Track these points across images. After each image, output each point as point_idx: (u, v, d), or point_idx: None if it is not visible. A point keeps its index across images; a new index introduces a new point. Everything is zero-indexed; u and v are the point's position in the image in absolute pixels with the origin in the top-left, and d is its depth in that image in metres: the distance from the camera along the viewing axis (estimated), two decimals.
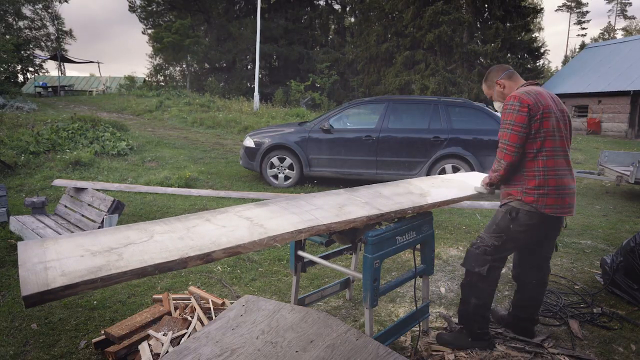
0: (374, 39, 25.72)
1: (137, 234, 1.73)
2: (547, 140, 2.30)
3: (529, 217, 2.34)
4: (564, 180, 2.34)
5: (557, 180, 2.32)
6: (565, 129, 2.41)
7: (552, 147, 2.31)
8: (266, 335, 1.86)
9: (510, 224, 2.38)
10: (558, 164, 2.33)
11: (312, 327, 1.88)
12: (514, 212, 2.37)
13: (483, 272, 2.40)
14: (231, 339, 1.88)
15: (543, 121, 2.28)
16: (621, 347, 2.64)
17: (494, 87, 2.57)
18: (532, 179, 2.33)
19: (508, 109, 2.32)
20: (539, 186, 2.31)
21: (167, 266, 1.50)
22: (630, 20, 50.81)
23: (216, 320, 2.04)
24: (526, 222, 2.35)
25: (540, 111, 2.28)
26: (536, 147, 2.31)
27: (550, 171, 2.31)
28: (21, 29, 33.19)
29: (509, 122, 2.30)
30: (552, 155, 2.32)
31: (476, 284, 2.47)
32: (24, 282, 1.29)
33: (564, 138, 2.39)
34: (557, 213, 2.34)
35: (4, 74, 21.56)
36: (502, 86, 2.53)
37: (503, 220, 2.41)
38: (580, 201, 6.86)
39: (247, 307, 2.08)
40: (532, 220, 2.35)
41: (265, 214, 2.07)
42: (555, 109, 2.36)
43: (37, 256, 1.47)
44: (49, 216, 4.52)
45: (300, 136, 7.13)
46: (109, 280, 1.38)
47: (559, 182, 2.32)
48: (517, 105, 2.29)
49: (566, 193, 2.35)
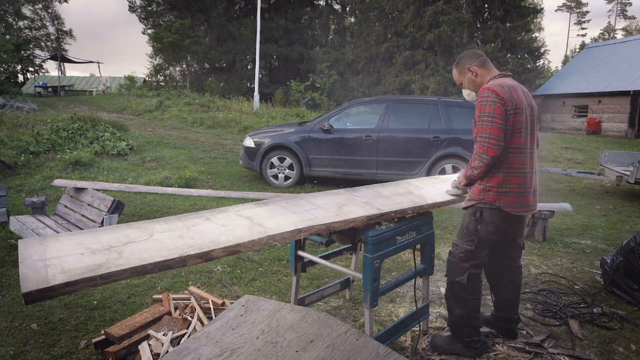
0: (374, 39, 25.72)
1: (137, 232, 1.74)
2: (515, 136, 2.24)
3: (492, 215, 2.30)
4: (527, 179, 2.30)
5: (520, 179, 2.27)
6: (533, 126, 2.35)
7: (518, 145, 2.26)
8: (266, 335, 1.86)
9: (477, 225, 2.34)
10: (523, 162, 2.28)
11: (312, 327, 1.88)
12: (478, 212, 2.33)
13: (463, 281, 2.36)
14: (231, 339, 1.88)
15: (516, 117, 2.21)
16: (621, 347, 2.64)
17: (466, 73, 2.45)
18: (495, 175, 2.28)
19: (484, 101, 2.22)
20: (501, 184, 2.26)
21: (166, 264, 1.51)
22: (630, 20, 50.83)
23: (216, 320, 2.04)
24: (492, 221, 2.31)
25: (513, 106, 2.20)
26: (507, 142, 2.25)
27: (514, 169, 2.26)
28: (21, 29, 33.18)
29: (488, 114, 2.20)
30: (518, 153, 2.26)
31: (459, 294, 2.42)
32: (24, 279, 1.30)
33: (531, 135, 2.33)
34: (519, 211, 2.30)
35: (4, 74, 21.56)
36: (474, 73, 2.42)
37: (471, 223, 2.37)
38: (580, 201, 6.86)
39: (247, 307, 2.08)
40: (497, 219, 2.31)
41: (265, 213, 2.07)
42: (525, 104, 2.29)
43: (38, 254, 1.48)
44: (49, 216, 4.52)
45: (300, 136, 7.13)
46: (108, 278, 1.39)
47: (522, 180, 2.28)
48: (492, 97, 2.20)
49: (527, 192, 2.31)
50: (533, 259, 4.15)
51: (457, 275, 2.38)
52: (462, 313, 2.42)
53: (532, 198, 2.35)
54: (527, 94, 2.36)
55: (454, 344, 2.48)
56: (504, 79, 2.32)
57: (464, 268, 2.37)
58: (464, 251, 2.37)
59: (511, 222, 2.35)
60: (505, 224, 2.33)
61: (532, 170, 2.34)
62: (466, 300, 2.41)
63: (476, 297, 2.43)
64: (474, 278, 2.38)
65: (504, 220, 2.31)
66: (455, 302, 2.45)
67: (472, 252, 2.36)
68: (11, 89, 18.85)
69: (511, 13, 23.70)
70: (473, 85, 2.44)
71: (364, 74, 26.79)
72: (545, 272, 3.83)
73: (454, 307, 2.46)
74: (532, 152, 2.34)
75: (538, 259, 4.15)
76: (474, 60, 2.42)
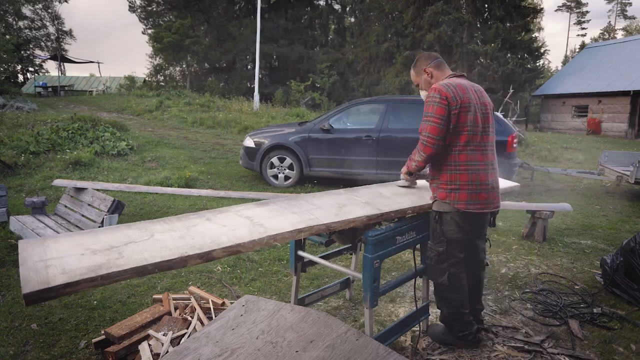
0: (374, 39, 25.74)
1: (138, 232, 1.73)
2: (462, 134, 2.27)
3: (449, 216, 2.33)
4: (480, 176, 2.30)
5: (470, 176, 2.29)
6: (486, 123, 2.36)
7: (465, 142, 2.28)
8: (266, 335, 1.86)
9: (441, 226, 2.37)
10: (471, 159, 2.29)
11: (312, 327, 1.88)
12: (436, 214, 2.37)
13: (445, 282, 2.39)
14: (231, 339, 1.88)
15: (460, 115, 2.25)
16: (621, 347, 2.64)
17: (422, 74, 2.52)
18: (444, 172, 2.33)
19: (429, 101, 2.29)
20: (449, 181, 2.31)
21: (167, 265, 1.51)
22: (630, 20, 50.82)
23: (216, 320, 2.04)
24: (452, 221, 2.33)
25: (457, 105, 2.24)
26: (452, 141, 2.30)
27: (462, 166, 2.29)
28: (21, 29, 33.17)
29: (430, 114, 2.28)
30: (465, 150, 2.28)
31: (443, 294, 2.48)
32: (25, 280, 1.30)
33: (484, 132, 2.34)
34: (472, 209, 2.30)
35: (4, 74, 21.55)
36: (429, 75, 2.49)
37: (435, 226, 2.41)
38: (580, 201, 6.86)
39: (247, 307, 2.08)
40: (456, 218, 2.33)
41: (266, 213, 2.07)
42: (476, 102, 2.32)
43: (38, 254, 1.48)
44: (49, 216, 4.53)
45: (300, 136, 7.13)
46: (109, 279, 1.38)
47: (472, 177, 2.29)
48: (437, 97, 2.27)
49: (482, 189, 2.31)
50: (533, 259, 4.15)
51: (438, 277, 2.42)
52: (449, 312, 2.49)
53: (488, 195, 2.34)
54: (479, 92, 2.41)
55: (448, 335, 2.56)
56: (453, 79, 2.38)
57: (443, 269, 2.40)
58: (437, 253, 2.40)
59: (469, 220, 2.35)
60: (463, 222, 2.34)
61: (488, 167, 2.35)
62: (451, 299, 2.46)
63: (460, 295, 2.45)
64: (454, 277, 2.41)
65: (461, 218, 2.33)
66: (442, 302, 2.51)
67: (446, 253, 2.38)
68: (11, 89, 18.84)
69: (511, 13, 23.71)
70: (428, 86, 2.50)
71: (364, 74, 26.80)
72: (545, 272, 3.83)
73: (441, 306, 2.53)
74: (486, 148, 2.35)
75: (538, 259, 4.15)
76: (430, 62, 2.50)
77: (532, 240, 4.69)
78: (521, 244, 4.58)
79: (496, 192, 2.40)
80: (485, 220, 2.50)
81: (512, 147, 6.73)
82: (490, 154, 2.38)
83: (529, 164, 8.31)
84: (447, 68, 2.51)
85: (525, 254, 4.30)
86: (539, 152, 11.98)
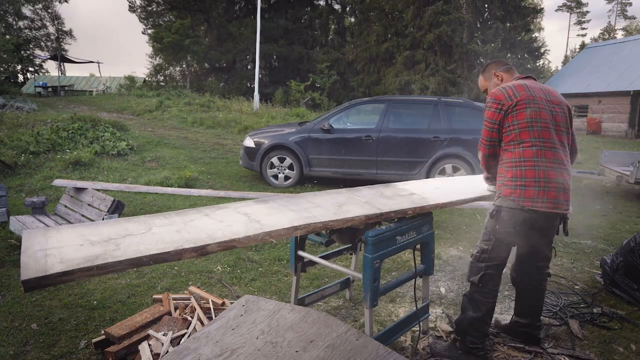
0: (374, 39, 25.74)
1: (136, 226, 1.76)
2: (523, 131, 2.23)
3: (511, 214, 2.23)
4: (549, 173, 2.20)
5: (537, 172, 2.19)
6: (555, 121, 2.29)
7: (529, 139, 2.22)
8: (266, 335, 1.86)
9: (495, 224, 2.29)
10: (538, 155, 2.21)
11: (312, 327, 1.88)
12: (495, 210, 2.29)
13: (476, 280, 2.33)
14: (231, 339, 1.88)
15: (517, 113, 2.23)
16: (621, 347, 2.64)
17: (492, 79, 2.56)
18: (509, 169, 2.27)
19: (486, 106, 2.34)
20: (515, 177, 2.23)
21: (162, 257, 1.53)
22: (630, 20, 50.81)
23: (216, 320, 2.04)
24: (510, 220, 2.24)
25: (513, 103, 2.24)
26: (512, 138, 2.26)
27: (528, 162, 2.21)
28: (21, 29, 33.17)
29: (485, 118, 2.34)
30: (530, 146, 2.21)
31: (473, 295, 2.38)
32: (24, 267, 1.34)
33: (552, 130, 2.26)
34: (540, 207, 2.18)
35: (4, 74, 21.55)
36: (499, 78, 2.52)
37: (489, 222, 2.33)
38: (580, 201, 6.85)
39: (247, 307, 2.08)
40: (516, 217, 2.22)
41: (264, 210, 2.08)
42: (541, 100, 2.28)
43: (39, 243, 1.52)
44: (49, 216, 4.53)
45: (300, 136, 7.13)
46: (104, 269, 1.42)
47: (539, 173, 2.19)
48: (490, 101, 2.30)
49: (551, 186, 2.19)
50: None
51: (472, 275, 2.36)
52: (474, 316, 2.36)
53: (558, 194, 2.21)
54: (548, 92, 2.36)
55: (454, 351, 2.45)
56: (516, 81, 2.38)
57: (479, 268, 2.34)
58: (480, 250, 2.35)
59: (536, 220, 2.23)
60: (527, 222, 2.22)
61: (558, 165, 2.23)
62: (479, 302, 2.35)
63: (490, 300, 2.35)
64: (489, 279, 2.32)
65: (526, 218, 2.21)
66: (469, 303, 2.40)
67: (489, 252, 2.32)
68: (11, 89, 18.85)
69: (511, 13, 23.72)
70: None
71: (364, 74, 26.80)
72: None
73: (467, 308, 2.41)
74: (555, 146, 2.25)
75: None
76: (501, 67, 2.56)
77: None
78: None
79: (567, 193, 2.25)
80: (554, 223, 2.35)
81: None
82: (562, 153, 2.28)
83: None
84: (515, 73, 2.52)
85: None
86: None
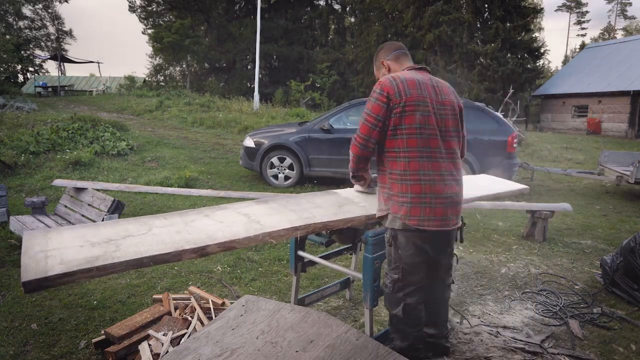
0: (374, 39, 25.72)
1: (137, 227, 1.76)
2: (411, 138, 1.93)
3: (406, 237, 1.98)
4: (436, 187, 1.94)
5: (423, 187, 1.93)
6: (445, 126, 2.00)
7: (416, 147, 1.93)
8: (266, 335, 1.86)
9: (397, 250, 2.03)
10: (425, 167, 1.93)
11: (312, 327, 1.88)
12: (392, 237, 2.03)
13: (399, 313, 2.07)
14: (231, 339, 1.88)
15: (405, 116, 1.91)
16: (621, 347, 2.64)
17: (381, 68, 2.21)
18: (394, 182, 1.98)
19: (371, 96, 1.99)
20: (401, 192, 1.96)
21: (162, 258, 1.53)
22: (630, 20, 50.82)
23: (216, 320, 2.04)
24: (408, 242, 1.99)
25: (401, 103, 1.91)
26: (397, 145, 1.95)
27: (414, 175, 1.93)
28: (21, 29, 33.16)
29: (366, 110, 1.98)
30: (417, 157, 1.93)
31: (398, 326, 2.14)
32: (25, 269, 1.34)
33: (440, 137, 1.98)
34: (427, 226, 1.93)
35: (4, 74, 21.54)
36: (387, 68, 2.17)
37: (389, 250, 2.07)
38: (580, 201, 6.85)
39: (247, 307, 2.08)
40: (413, 238, 1.98)
41: (264, 210, 2.08)
42: (432, 101, 1.97)
43: (40, 245, 1.52)
44: (49, 216, 4.53)
45: (300, 136, 7.13)
46: (104, 270, 1.42)
47: (426, 188, 1.93)
48: (377, 92, 1.96)
49: (438, 202, 1.94)
50: (533, 259, 4.15)
51: (392, 308, 2.11)
52: (401, 346, 2.13)
53: (446, 210, 1.97)
54: (441, 90, 2.05)
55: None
56: (407, 72, 2.05)
57: (398, 299, 2.08)
58: (392, 281, 2.07)
59: (429, 240, 2.01)
60: (423, 243, 1.99)
61: (446, 177, 1.98)
62: (406, 332, 2.12)
63: (417, 329, 2.13)
64: (411, 309, 2.07)
65: (420, 238, 1.98)
66: (396, 333, 2.16)
67: (401, 281, 2.05)
68: (11, 89, 18.82)
69: (511, 13, 23.68)
70: None
71: (364, 74, 26.78)
72: (545, 272, 3.83)
73: (394, 337, 2.18)
74: (443, 156, 1.99)
75: (538, 259, 4.15)
76: (390, 54, 2.19)
77: (532, 240, 4.69)
78: (521, 244, 4.58)
79: (457, 207, 2.02)
80: (448, 237, 2.11)
81: (512, 147, 6.73)
82: (450, 162, 2.01)
83: (529, 164, 8.31)
84: (407, 61, 2.18)
85: (525, 254, 4.30)
86: (539, 152, 11.98)
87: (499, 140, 6.68)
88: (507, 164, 6.62)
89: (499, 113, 8.45)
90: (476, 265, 3.95)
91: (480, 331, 2.73)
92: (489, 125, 6.66)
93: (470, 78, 22.58)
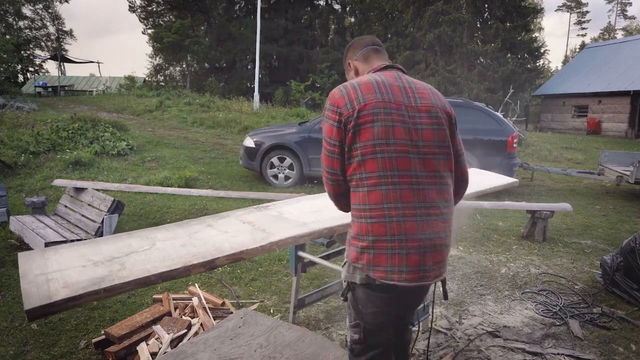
0: None
1: (139, 241, 1.72)
2: (368, 159, 1.40)
3: (367, 293, 1.46)
4: (407, 226, 1.38)
5: (389, 226, 1.38)
6: (421, 139, 1.44)
7: (377, 171, 1.39)
8: (264, 350, 1.88)
9: (357, 305, 1.52)
10: (390, 198, 1.38)
11: (309, 347, 1.91)
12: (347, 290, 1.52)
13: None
14: (229, 349, 1.89)
15: (361, 130, 1.40)
16: (621, 347, 2.64)
17: (349, 71, 1.74)
18: (354, 220, 1.48)
19: (324, 116, 1.53)
20: (360, 234, 1.43)
21: (170, 275, 1.50)
22: (630, 20, 50.79)
23: (214, 328, 2.06)
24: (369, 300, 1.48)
25: (353, 115, 1.41)
26: (353, 170, 1.44)
27: (375, 209, 1.39)
28: (21, 29, 33.17)
29: (324, 137, 1.53)
30: (378, 184, 1.39)
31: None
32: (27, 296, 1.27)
33: (414, 154, 1.42)
34: (397, 280, 1.37)
35: (4, 74, 21.53)
36: (354, 71, 1.69)
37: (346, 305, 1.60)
38: (580, 201, 6.85)
39: (246, 319, 2.10)
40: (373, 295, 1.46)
41: (267, 217, 2.07)
42: (399, 106, 1.44)
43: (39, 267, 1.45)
44: (49, 216, 4.52)
45: (300, 136, 7.13)
46: (112, 291, 1.36)
47: (392, 228, 1.38)
48: (327, 109, 1.50)
49: (412, 246, 1.38)
50: (533, 259, 4.15)
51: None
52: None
53: (425, 257, 1.40)
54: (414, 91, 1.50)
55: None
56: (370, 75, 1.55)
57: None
58: (352, 342, 1.60)
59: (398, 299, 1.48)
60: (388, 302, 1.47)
61: (424, 211, 1.41)
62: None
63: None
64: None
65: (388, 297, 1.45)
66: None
67: (362, 342, 1.56)
68: (11, 89, 18.80)
69: (511, 13, 23.69)
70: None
71: None
72: (545, 272, 3.83)
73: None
74: (420, 181, 1.42)
75: (538, 259, 4.15)
76: (358, 52, 1.68)
77: (532, 240, 4.69)
78: (521, 244, 4.58)
79: (441, 252, 1.45)
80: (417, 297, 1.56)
81: (512, 147, 6.74)
82: (431, 189, 1.44)
83: (529, 164, 8.31)
84: (379, 59, 1.65)
85: (525, 254, 4.30)
86: (539, 152, 11.98)
87: (499, 140, 6.68)
88: (507, 163, 6.62)
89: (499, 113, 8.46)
90: (476, 265, 3.95)
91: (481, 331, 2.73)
92: (489, 125, 6.67)
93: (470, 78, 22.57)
